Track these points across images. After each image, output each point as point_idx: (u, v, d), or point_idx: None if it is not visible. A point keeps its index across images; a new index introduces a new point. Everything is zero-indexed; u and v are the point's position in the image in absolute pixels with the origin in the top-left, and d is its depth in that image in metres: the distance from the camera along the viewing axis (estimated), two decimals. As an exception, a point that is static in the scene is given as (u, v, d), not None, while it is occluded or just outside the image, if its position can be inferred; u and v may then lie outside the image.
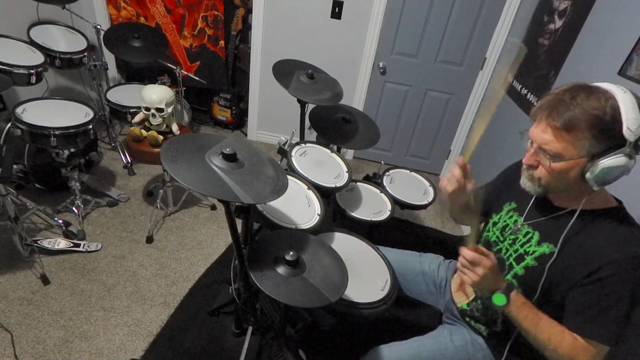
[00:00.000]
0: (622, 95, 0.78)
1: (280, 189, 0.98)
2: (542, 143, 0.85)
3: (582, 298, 0.87)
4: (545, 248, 0.95)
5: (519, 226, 1.03)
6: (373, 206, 1.70)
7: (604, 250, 0.85)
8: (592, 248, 0.87)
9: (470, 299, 1.15)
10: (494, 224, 1.12)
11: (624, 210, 0.92)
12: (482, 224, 1.21)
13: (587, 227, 0.90)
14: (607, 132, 0.78)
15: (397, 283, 1.28)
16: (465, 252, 0.92)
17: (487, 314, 1.10)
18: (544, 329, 0.90)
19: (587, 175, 0.82)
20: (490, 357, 1.10)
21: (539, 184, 0.91)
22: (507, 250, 1.05)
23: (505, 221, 1.09)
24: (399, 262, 1.37)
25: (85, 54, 2.47)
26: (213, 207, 2.49)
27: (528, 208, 1.04)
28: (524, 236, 1.01)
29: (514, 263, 1.01)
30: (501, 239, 1.08)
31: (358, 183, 1.84)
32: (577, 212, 0.90)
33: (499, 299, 0.92)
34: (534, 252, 0.97)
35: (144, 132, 2.04)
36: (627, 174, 0.81)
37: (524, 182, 0.95)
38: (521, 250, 1.00)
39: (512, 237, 1.05)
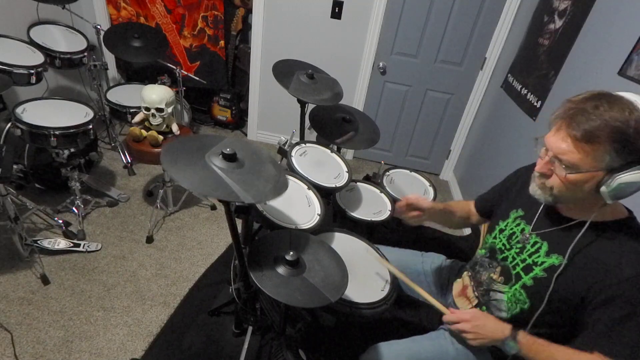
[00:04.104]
0: None
1: (280, 189, 0.98)
2: (558, 152, 0.81)
3: (603, 318, 0.84)
4: (554, 259, 0.92)
5: (527, 235, 1.01)
6: (373, 206, 1.70)
7: (618, 268, 0.82)
8: (604, 264, 0.84)
9: (474, 304, 1.14)
10: (501, 231, 1.10)
11: (635, 221, 0.90)
12: (487, 230, 1.20)
13: (598, 240, 0.87)
14: (629, 146, 0.75)
15: (397, 283, 1.28)
16: (445, 319, 1.04)
17: None
18: None
19: (602, 188, 0.79)
20: None
21: (550, 193, 0.88)
22: (514, 259, 1.02)
23: (512, 229, 1.06)
24: (400, 262, 1.36)
25: (85, 54, 2.47)
26: (213, 207, 2.49)
27: (536, 217, 1.01)
28: (532, 246, 0.98)
29: (521, 273, 0.99)
30: (507, 247, 1.05)
31: (358, 183, 1.84)
32: (587, 224, 0.86)
33: (510, 347, 0.93)
34: (542, 262, 0.95)
35: (144, 132, 2.04)
36: None
37: (534, 190, 0.92)
38: (529, 261, 0.98)
39: (519, 245, 1.02)
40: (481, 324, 0.98)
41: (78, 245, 1.98)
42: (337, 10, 2.77)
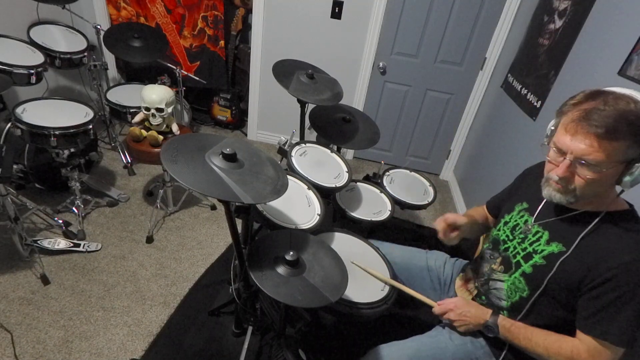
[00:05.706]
0: None
1: (280, 189, 0.98)
2: (582, 154, 0.82)
3: (595, 300, 0.87)
4: (554, 247, 0.96)
5: (530, 226, 1.04)
6: (373, 206, 1.70)
7: (616, 253, 0.85)
8: (603, 251, 0.87)
9: (473, 294, 1.17)
10: (505, 223, 1.13)
11: (635, 214, 0.93)
12: (493, 225, 1.22)
13: (600, 229, 0.90)
14: None
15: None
16: (434, 311, 1.12)
17: None
18: (539, 343, 0.94)
19: (626, 178, 0.82)
20: (489, 354, 1.10)
21: (573, 194, 0.88)
22: (515, 248, 1.05)
23: (516, 221, 1.10)
24: (404, 258, 1.38)
25: (85, 54, 2.47)
26: (213, 207, 2.49)
27: (539, 209, 1.04)
28: (534, 235, 1.02)
29: (521, 261, 1.02)
30: (510, 237, 1.09)
31: (358, 183, 1.84)
32: (601, 215, 0.91)
33: (490, 329, 1.03)
34: (542, 250, 0.98)
35: (144, 132, 2.04)
36: None
37: (552, 194, 0.92)
38: (530, 249, 1.01)
39: (521, 236, 1.05)
40: (465, 310, 1.07)
41: (78, 245, 1.98)
42: (337, 10, 2.77)
